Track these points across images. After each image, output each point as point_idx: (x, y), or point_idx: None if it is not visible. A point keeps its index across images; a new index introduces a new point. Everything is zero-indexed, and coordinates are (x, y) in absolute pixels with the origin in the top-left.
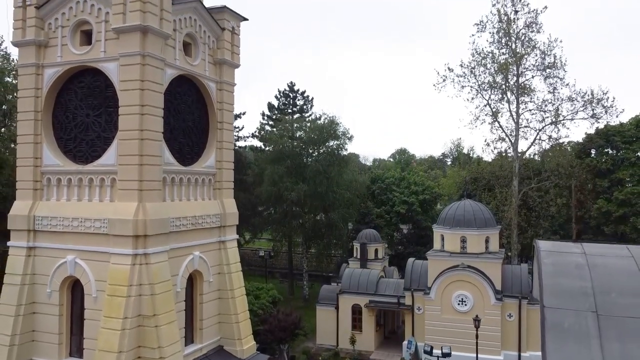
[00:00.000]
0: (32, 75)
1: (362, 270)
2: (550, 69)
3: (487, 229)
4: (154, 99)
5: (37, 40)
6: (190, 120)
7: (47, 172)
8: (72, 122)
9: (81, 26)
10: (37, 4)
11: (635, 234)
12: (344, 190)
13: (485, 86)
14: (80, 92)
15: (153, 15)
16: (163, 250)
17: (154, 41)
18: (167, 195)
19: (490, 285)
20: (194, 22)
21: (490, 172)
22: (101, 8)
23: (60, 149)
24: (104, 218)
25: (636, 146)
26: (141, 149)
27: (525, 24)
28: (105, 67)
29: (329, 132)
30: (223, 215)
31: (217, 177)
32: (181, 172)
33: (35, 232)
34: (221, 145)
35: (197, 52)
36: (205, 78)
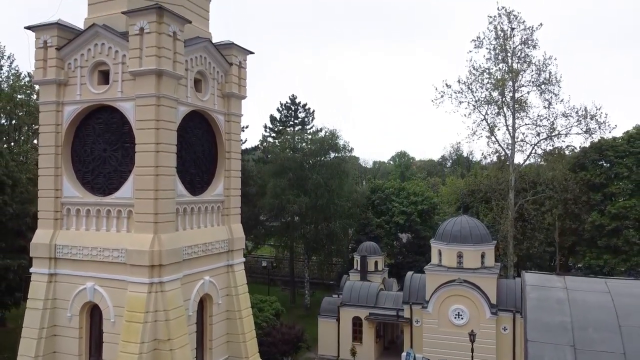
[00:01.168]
0: (52, 112)
1: (363, 283)
2: (546, 84)
3: (483, 245)
4: (168, 137)
5: (57, 79)
6: (200, 152)
7: (67, 203)
8: (90, 156)
9: (99, 66)
10: (58, 46)
11: (628, 246)
12: (345, 202)
13: (482, 102)
14: (98, 128)
15: (167, 59)
16: (177, 277)
17: (168, 83)
18: (179, 225)
19: (486, 300)
20: (204, 60)
21: (487, 185)
22: (118, 51)
23: (79, 181)
24: (122, 248)
25: (628, 161)
26: (156, 184)
27: (522, 40)
28: (121, 106)
29: (330, 144)
30: (231, 240)
31: (225, 204)
32: (192, 202)
33: (57, 259)
34: (229, 174)
35: (206, 87)
36: (214, 112)
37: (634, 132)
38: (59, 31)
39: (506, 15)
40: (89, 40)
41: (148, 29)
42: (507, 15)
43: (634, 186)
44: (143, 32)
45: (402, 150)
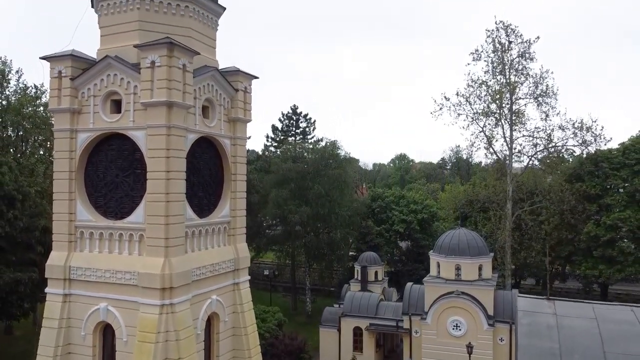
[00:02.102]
0: (66, 139)
1: (363, 294)
2: (543, 97)
3: (480, 257)
4: (178, 165)
5: (71, 108)
6: (207, 175)
7: (81, 226)
8: (103, 181)
9: (111, 96)
10: (72, 76)
11: (622, 257)
12: (345, 212)
13: (479, 114)
14: (110, 154)
15: (177, 91)
16: (186, 299)
17: (178, 113)
18: (188, 247)
19: (483, 311)
20: (212, 88)
21: (485, 195)
22: (130, 81)
23: (92, 205)
24: (134, 271)
25: (623, 173)
26: (167, 210)
27: (519, 53)
28: (133, 134)
29: (332, 155)
30: (237, 260)
31: (231, 224)
32: (200, 225)
33: (71, 280)
34: (235, 195)
35: (213, 113)
36: (221, 136)
37: (629, 144)
38: (72, 62)
39: (504, 29)
40: (102, 71)
41: (159, 63)
42: (504, 29)
43: (628, 198)
44: (154, 66)
45: (402, 153)
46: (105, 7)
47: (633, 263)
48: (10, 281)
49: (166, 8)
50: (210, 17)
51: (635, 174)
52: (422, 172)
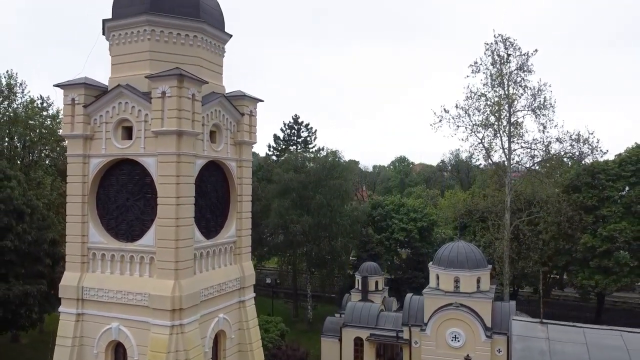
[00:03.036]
0: (79, 164)
1: (364, 304)
2: (540, 109)
3: (478, 270)
4: (187, 190)
5: (84, 134)
6: (214, 197)
7: (93, 248)
8: (114, 204)
9: (122, 123)
10: (85, 104)
11: (618, 267)
12: (346, 221)
13: (478, 127)
14: (121, 179)
15: (187, 120)
16: (195, 319)
17: (188, 141)
18: (196, 268)
19: (481, 323)
20: (219, 113)
21: (484, 206)
22: (141, 110)
23: (104, 228)
24: (145, 292)
25: (619, 184)
26: (177, 234)
27: (517, 65)
28: (144, 160)
29: (333, 165)
30: (242, 278)
31: (237, 243)
32: (208, 247)
33: (84, 300)
34: (240, 216)
35: (220, 138)
36: (227, 160)
37: (625, 156)
38: (85, 90)
39: (502, 42)
40: (114, 99)
41: (169, 93)
42: (503, 42)
43: (624, 209)
44: (165, 96)
45: (402, 155)
46: (116, 37)
47: (629, 273)
48: (20, 294)
49: (175, 38)
50: (217, 45)
51: (631, 185)
52: (422, 175)
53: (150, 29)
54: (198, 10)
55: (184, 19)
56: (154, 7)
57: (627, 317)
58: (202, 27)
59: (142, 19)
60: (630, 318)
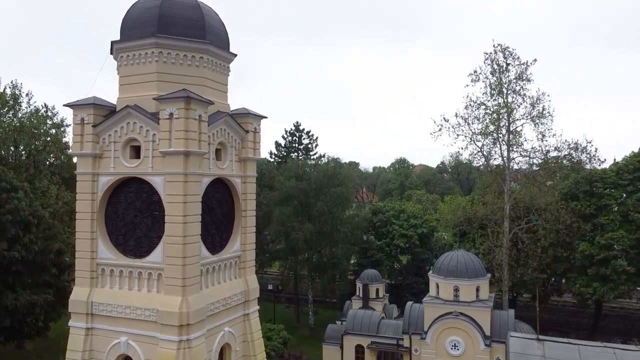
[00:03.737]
0: (88, 182)
1: (365, 312)
2: (539, 118)
3: (477, 279)
4: (194, 208)
5: (93, 153)
6: (220, 213)
7: (102, 263)
8: (122, 221)
9: (131, 142)
10: (94, 123)
11: (616, 275)
12: (347, 229)
13: (477, 137)
14: (129, 196)
15: (194, 141)
16: (202, 334)
17: (195, 160)
18: (203, 284)
19: (480, 332)
20: (224, 132)
21: (483, 214)
22: (149, 130)
23: (112, 244)
24: (153, 308)
25: (617, 193)
26: (184, 252)
27: (517, 74)
28: (152, 179)
29: (334, 173)
30: (247, 292)
31: (241, 258)
32: (214, 262)
33: (93, 315)
34: (245, 230)
35: (226, 155)
36: (232, 176)
37: (622, 165)
38: (94, 110)
39: (502, 51)
40: (122, 119)
41: (177, 115)
42: (502, 51)
43: (622, 218)
44: (172, 117)
45: (402, 157)
46: (124, 58)
47: (626, 281)
48: (27, 304)
49: (182, 60)
50: (222, 65)
51: (628, 194)
52: (421, 177)
53: (158, 51)
54: (204, 32)
55: (190, 41)
56: (161, 30)
57: (625, 323)
58: (208, 49)
59: (151, 42)
60: (628, 324)
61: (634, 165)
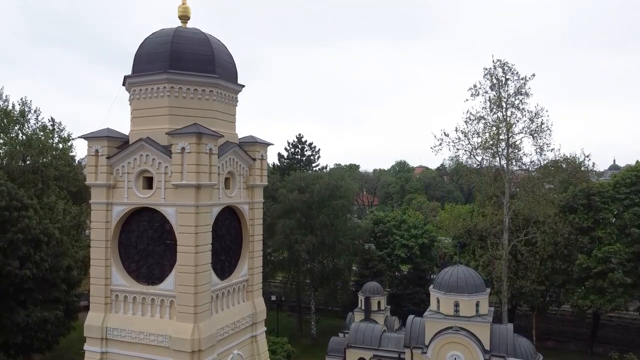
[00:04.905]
0: (103, 211)
1: (367, 325)
2: (538, 132)
3: (477, 295)
4: (205, 238)
5: (107, 183)
6: (229, 240)
7: (116, 290)
8: (135, 249)
9: (143, 173)
10: (108, 155)
11: (613, 288)
12: (349, 240)
13: (477, 152)
14: (142, 225)
15: (204, 173)
16: (212, 358)
17: (205, 192)
18: (213, 309)
19: (480, 346)
20: (233, 161)
21: (482, 227)
22: (161, 162)
23: (126, 270)
24: (165, 334)
25: (614, 206)
26: (196, 280)
27: (516, 89)
28: (164, 210)
29: (336, 186)
30: (255, 314)
31: (249, 281)
32: (223, 287)
33: (107, 340)
34: (252, 255)
35: (234, 183)
36: (240, 204)
37: (619, 179)
38: (108, 142)
39: (501, 66)
40: (136, 152)
41: (189, 149)
42: (501, 66)
43: (618, 231)
44: (184, 151)
45: (402, 160)
46: (137, 92)
47: (623, 294)
48: (38, 320)
49: (193, 94)
50: (231, 96)
51: (625, 208)
52: (421, 181)
53: (169, 86)
54: (214, 66)
55: (200, 76)
56: (173, 66)
57: (622, 333)
58: (217, 83)
59: (163, 77)
60: (625, 334)
61: (630, 179)
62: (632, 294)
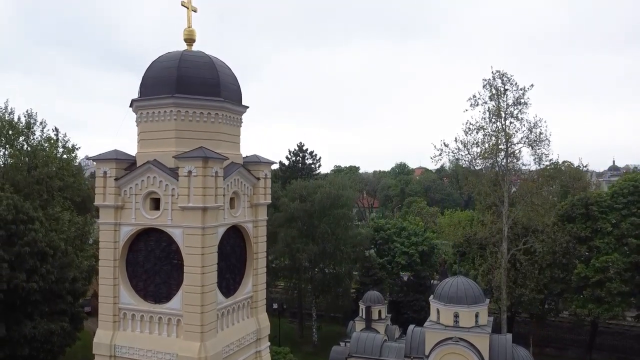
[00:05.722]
0: (111, 231)
1: (368, 335)
2: (537, 142)
3: (476, 306)
4: (211, 259)
5: (115, 204)
6: (233, 258)
7: (124, 308)
8: (142, 268)
9: (151, 195)
10: (116, 177)
11: (610, 297)
12: (350, 249)
13: (477, 162)
14: (149, 245)
15: (211, 196)
16: None
17: (211, 214)
18: (218, 327)
19: (479, 357)
20: (238, 182)
21: (482, 236)
22: (168, 184)
23: (134, 289)
24: (173, 352)
25: (611, 216)
26: (202, 300)
27: (514, 99)
28: (171, 231)
29: (337, 196)
30: (259, 330)
31: (253, 298)
32: (228, 305)
33: (116, 357)
34: (256, 272)
35: (239, 203)
36: (245, 222)
37: (617, 189)
38: (116, 164)
39: (500, 77)
40: (143, 174)
41: (195, 173)
42: (500, 77)
43: (616, 241)
44: (191, 175)
45: (402, 162)
46: (144, 115)
47: (620, 303)
48: (45, 332)
49: (199, 117)
50: (236, 118)
51: (622, 217)
52: (421, 184)
53: (176, 110)
54: (219, 89)
55: (206, 100)
56: (179, 90)
57: (620, 340)
58: (223, 106)
59: (170, 102)
60: (623, 341)
61: (628, 189)
62: (629, 303)
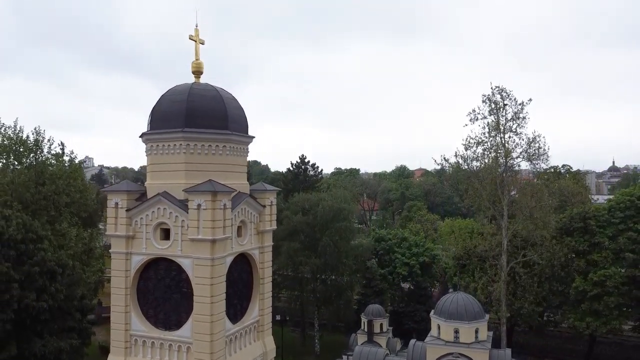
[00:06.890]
0: (122, 260)
1: (370, 349)
2: (535, 156)
3: (476, 322)
4: (220, 288)
5: (126, 234)
6: (240, 285)
7: (135, 335)
8: (153, 296)
9: (161, 225)
10: (127, 208)
11: (608, 311)
12: (352, 261)
13: (476, 174)
14: (159, 273)
15: (219, 228)
16: None
17: (220, 245)
18: (227, 354)
19: None
20: (245, 211)
21: (481, 250)
22: (178, 216)
23: (144, 316)
24: None
25: (609, 230)
26: (212, 329)
27: (514, 113)
28: (181, 261)
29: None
30: (265, 353)
31: (259, 322)
32: (236, 332)
33: None
34: (263, 297)
35: (246, 231)
36: (251, 250)
37: (614, 203)
38: (127, 195)
39: (499, 92)
40: (153, 205)
41: (204, 206)
42: (499, 92)
43: (614, 255)
44: (200, 208)
45: (402, 165)
46: (154, 147)
47: (618, 316)
48: (54, 350)
49: (207, 150)
50: (243, 148)
51: (620, 232)
52: (421, 187)
53: (185, 143)
54: (226, 122)
55: (214, 133)
56: (188, 124)
57: (619, 351)
58: (230, 138)
59: (179, 135)
60: (621, 351)
61: (625, 203)
62: (627, 316)
